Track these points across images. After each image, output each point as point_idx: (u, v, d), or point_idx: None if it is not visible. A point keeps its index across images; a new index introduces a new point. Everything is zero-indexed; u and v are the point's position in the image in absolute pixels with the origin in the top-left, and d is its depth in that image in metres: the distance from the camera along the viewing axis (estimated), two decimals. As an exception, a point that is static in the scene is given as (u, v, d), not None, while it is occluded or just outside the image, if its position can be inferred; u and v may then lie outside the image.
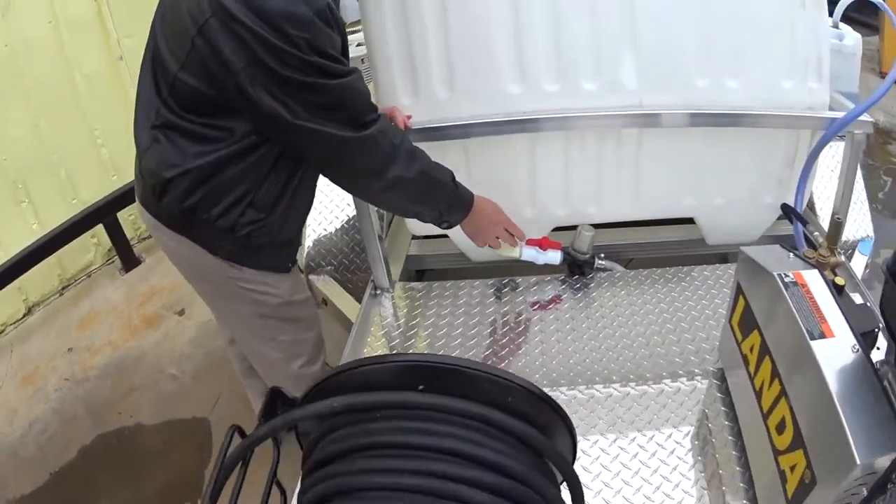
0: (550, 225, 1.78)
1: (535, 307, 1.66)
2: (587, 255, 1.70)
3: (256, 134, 1.33)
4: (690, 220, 1.89)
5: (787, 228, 1.78)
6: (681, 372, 1.43)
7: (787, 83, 1.57)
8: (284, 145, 1.37)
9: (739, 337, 1.25)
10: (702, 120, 1.56)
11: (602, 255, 1.74)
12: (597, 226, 1.72)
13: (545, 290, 1.71)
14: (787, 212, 1.66)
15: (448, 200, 1.49)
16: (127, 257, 3.27)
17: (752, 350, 1.17)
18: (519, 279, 1.75)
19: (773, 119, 1.58)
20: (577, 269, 1.72)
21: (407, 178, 1.37)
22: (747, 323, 1.20)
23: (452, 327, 1.62)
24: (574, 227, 1.74)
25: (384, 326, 1.67)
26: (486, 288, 1.73)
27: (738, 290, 1.24)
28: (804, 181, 1.62)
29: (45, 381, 2.68)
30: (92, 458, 2.35)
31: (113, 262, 3.33)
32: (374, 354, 1.57)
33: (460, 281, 1.78)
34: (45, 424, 2.50)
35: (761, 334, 1.13)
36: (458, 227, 1.56)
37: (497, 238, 1.60)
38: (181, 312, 2.96)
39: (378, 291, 1.79)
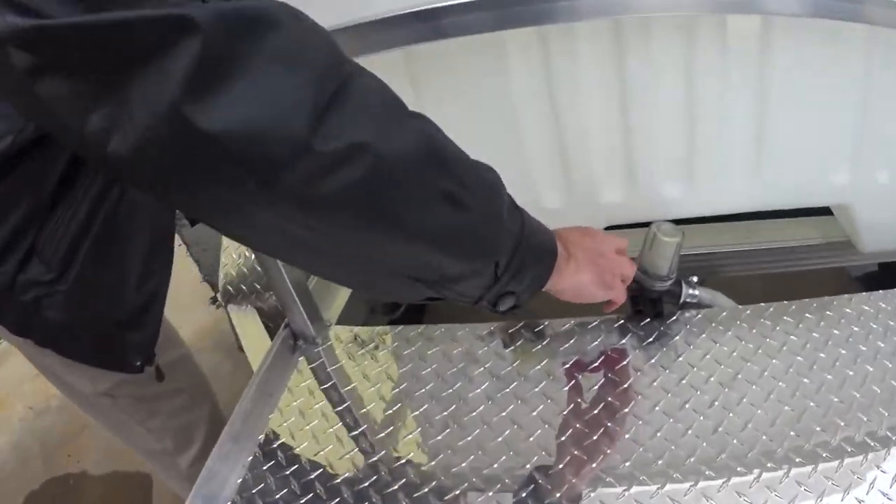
0: (595, 222, 1.00)
1: (576, 364, 0.88)
2: (667, 280, 0.90)
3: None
4: (823, 212, 1.11)
5: None
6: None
7: None
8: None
9: None
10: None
11: (694, 279, 0.93)
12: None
13: (590, 340, 0.92)
14: None
15: (504, 240, 0.63)
16: None
17: None
18: (544, 323, 0.96)
19: None
20: (648, 305, 0.92)
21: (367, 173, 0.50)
22: None
23: (427, 416, 0.86)
24: (637, 227, 0.96)
25: (291, 412, 0.91)
26: (490, 338, 0.96)
27: None
28: None
29: (12, 408, 2.37)
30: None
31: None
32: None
33: (454, 326, 1.00)
34: (3, 461, 2.16)
35: None
36: None
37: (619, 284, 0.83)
38: None
39: (298, 342, 1.04)
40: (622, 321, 0.93)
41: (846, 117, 0.92)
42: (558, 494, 0.73)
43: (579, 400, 0.84)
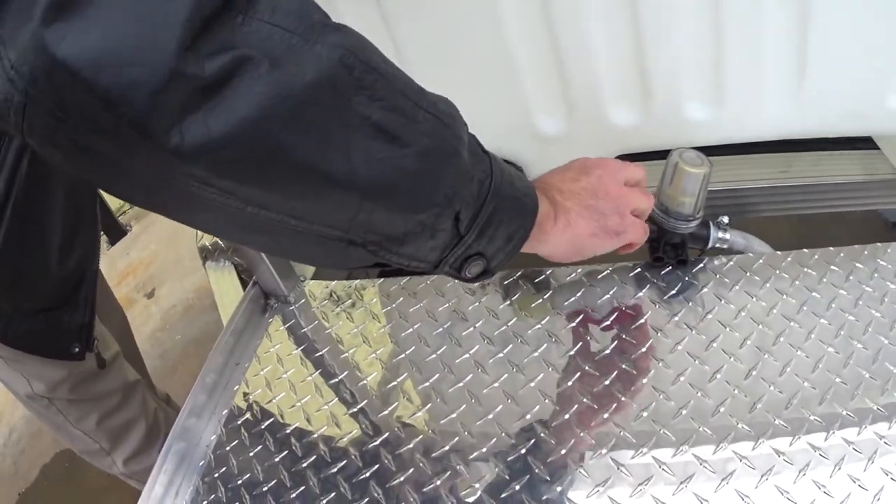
0: (604, 151, 0.77)
1: (583, 322, 0.68)
2: (692, 221, 0.68)
3: None
4: (868, 144, 0.88)
5: None
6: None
7: None
8: None
9: None
10: None
11: (725, 220, 0.71)
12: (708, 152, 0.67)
13: (600, 293, 0.71)
14: None
15: (463, 186, 0.45)
16: (112, 230, 2.69)
17: None
18: (547, 271, 0.75)
19: None
20: (669, 251, 0.70)
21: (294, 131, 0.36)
22: None
23: (405, 390, 0.67)
24: (657, 156, 0.73)
25: (259, 382, 0.74)
26: (482, 291, 0.75)
27: None
28: None
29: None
30: (52, 480, 1.85)
31: (101, 235, 2.75)
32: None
33: (438, 279, 0.79)
34: (19, 435, 2.02)
35: None
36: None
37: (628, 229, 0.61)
38: (150, 294, 2.38)
39: (269, 301, 0.86)
40: (639, 269, 0.72)
41: None
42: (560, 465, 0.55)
43: (587, 367, 0.63)
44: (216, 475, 0.65)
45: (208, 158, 0.34)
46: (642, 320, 0.67)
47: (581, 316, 0.69)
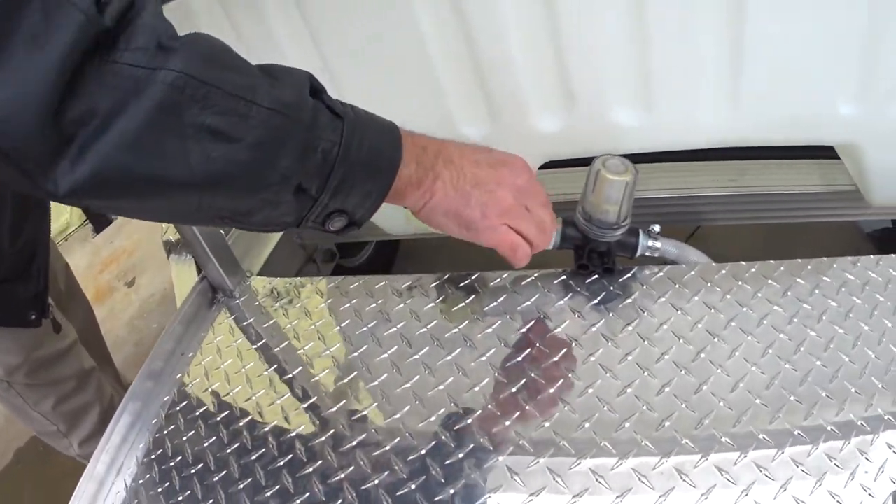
0: (530, 158, 0.71)
1: (500, 329, 0.67)
2: (618, 229, 0.68)
3: None
4: (827, 153, 0.85)
5: None
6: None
7: None
8: None
9: None
10: None
11: (656, 229, 0.71)
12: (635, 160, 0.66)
13: (521, 300, 0.71)
14: None
15: (304, 162, 0.50)
16: (97, 219, 2.70)
17: None
18: (474, 275, 0.75)
19: None
20: (595, 258, 0.71)
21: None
22: None
23: (324, 384, 0.69)
24: (580, 164, 0.73)
25: (198, 371, 0.77)
26: (408, 293, 0.76)
27: None
28: None
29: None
30: (25, 464, 1.89)
31: (87, 223, 2.81)
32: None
33: (374, 278, 0.81)
34: None
35: None
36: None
37: (526, 230, 0.62)
38: (131, 283, 2.42)
39: (217, 294, 0.88)
40: (564, 276, 0.72)
41: (853, 29, 0.65)
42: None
43: (496, 374, 0.64)
44: (153, 457, 0.69)
45: (77, 195, 0.43)
46: (558, 329, 0.67)
47: (498, 322, 0.69)
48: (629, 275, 0.71)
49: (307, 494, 0.59)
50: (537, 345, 0.66)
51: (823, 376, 0.60)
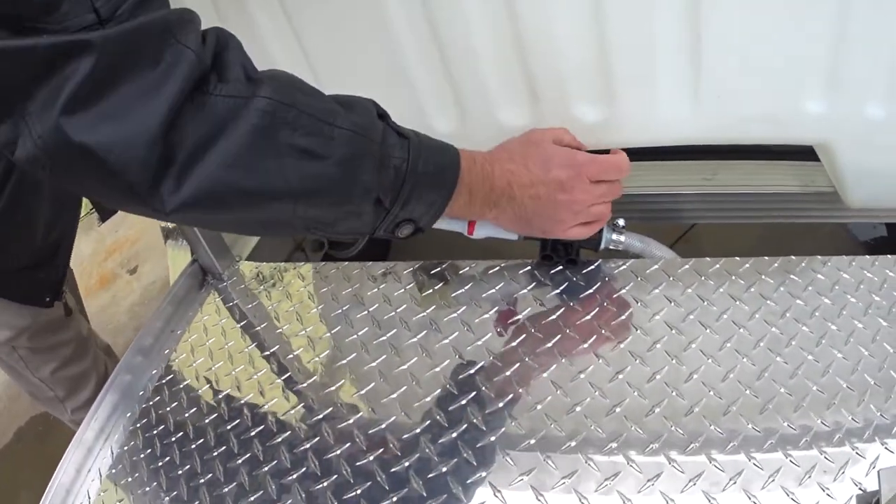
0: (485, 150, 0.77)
1: (464, 315, 0.71)
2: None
3: None
4: (808, 155, 0.86)
5: None
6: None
7: None
8: None
9: None
10: None
11: (620, 223, 0.74)
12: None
13: (486, 287, 0.75)
14: None
15: (380, 177, 0.58)
16: (103, 208, 2.72)
17: None
18: (444, 264, 0.79)
19: None
20: (560, 250, 0.74)
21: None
22: None
23: (300, 361, 0.74)
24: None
25: (189, 345, 0.82)
26: (382, 279, 0.79)
27: None
28: None
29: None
30: (25, 442, 1.99)
31: (93, 212, 2.85)
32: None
33: (352, 264, 0.85)
34: None
35: None
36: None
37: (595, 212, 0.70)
38: (133, 270, 2.50)
39: (206, 277, 0.92)
40: (529, 266, 0.75)
41: (819, 23, 0.66)
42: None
43: (456, 357, 0.68)
44: (139, 425, 0.74)
45: (183, 211, 0.50)
46: (518, 317, 0.71)
47: (464, 308, 0.73)
48: (592, 267, 0.74)
49: (275, 462, 0.64)
50: (497, 330, 0.70)
51: (782, 372, 0.61)
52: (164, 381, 0.79)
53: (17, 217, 0.94)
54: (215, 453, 0.67)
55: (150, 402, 0.77)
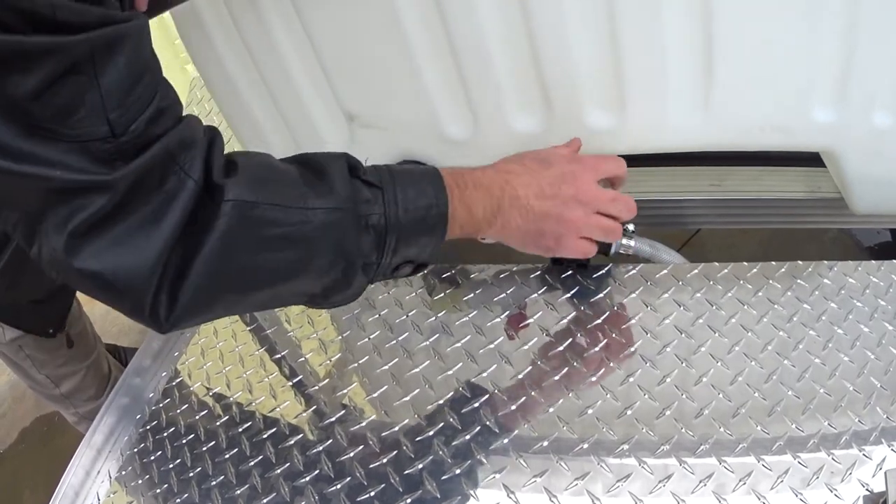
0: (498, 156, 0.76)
1: (476, 319, 0.73)
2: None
3: None
4: (814, 161, 0.87)
5: None
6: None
7: None
8: None
9: None
10: None
11: (630, 228, 0.75)
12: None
13: (498, 291, 0.76)
14: None
15: (359, 243, 0.59)
16: None
17: None
18: (456, 268, 0.81)
19: None
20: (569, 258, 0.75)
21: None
22: None
23: (311, 365, 0.76)
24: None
25: (199, 347, 0.84)
26: (394, 282, 0.81)
27: None
28: None
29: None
30: (29, 444, 2.02)
31: None
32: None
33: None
34: (2, 399, 2.17)
35: None
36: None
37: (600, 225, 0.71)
38: None
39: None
40: (540, 271, 0.77)
41: (828, 33, 0.68)
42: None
43: (468, 360, 0.70)
44: (148, 427, 0.76)
45: (180, 326, 0.53)
46: (529, 320, 0.72)
47: (475, 312, 0.75)
48: (603, 271, 0.76)
49: (287, 464, 0.65)
50: (508, 333, 0.71)
51: (790, 375, 0.63)
52: (173, 384, 0.81)
53: (29, 261, 0.98)
54: (227, 455, 0.68)
55: (160, 405, 0.79)
